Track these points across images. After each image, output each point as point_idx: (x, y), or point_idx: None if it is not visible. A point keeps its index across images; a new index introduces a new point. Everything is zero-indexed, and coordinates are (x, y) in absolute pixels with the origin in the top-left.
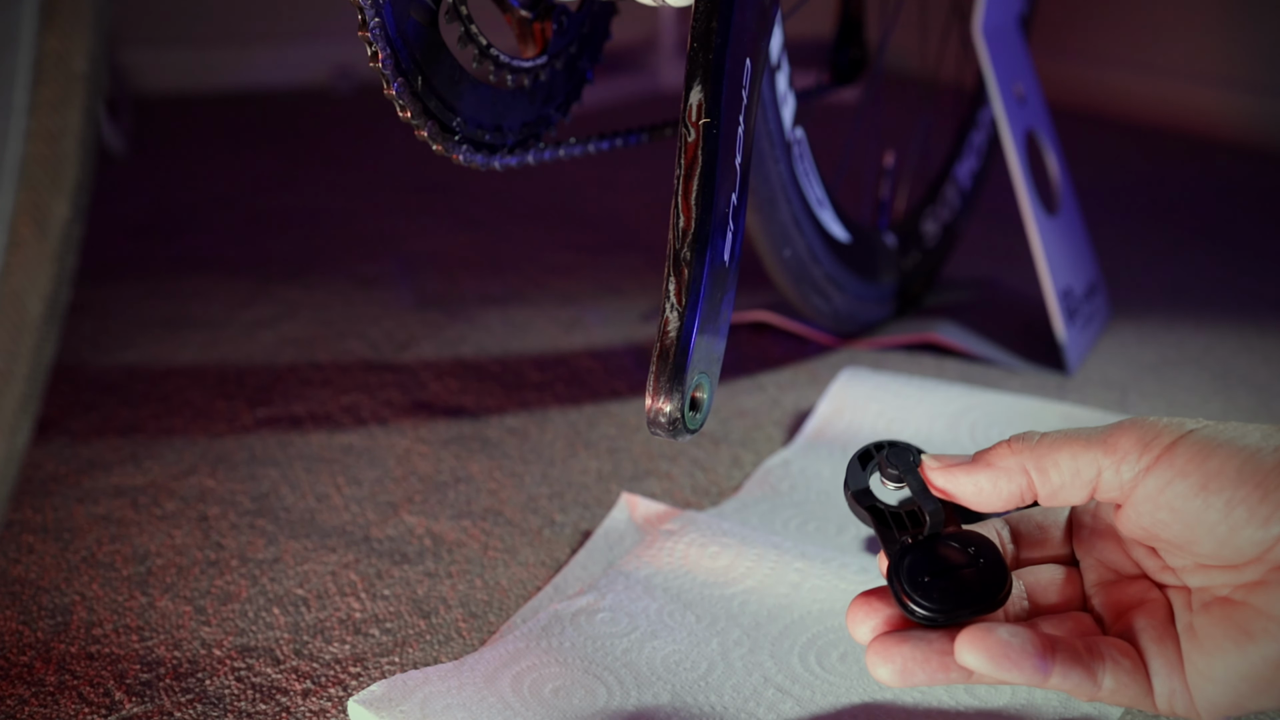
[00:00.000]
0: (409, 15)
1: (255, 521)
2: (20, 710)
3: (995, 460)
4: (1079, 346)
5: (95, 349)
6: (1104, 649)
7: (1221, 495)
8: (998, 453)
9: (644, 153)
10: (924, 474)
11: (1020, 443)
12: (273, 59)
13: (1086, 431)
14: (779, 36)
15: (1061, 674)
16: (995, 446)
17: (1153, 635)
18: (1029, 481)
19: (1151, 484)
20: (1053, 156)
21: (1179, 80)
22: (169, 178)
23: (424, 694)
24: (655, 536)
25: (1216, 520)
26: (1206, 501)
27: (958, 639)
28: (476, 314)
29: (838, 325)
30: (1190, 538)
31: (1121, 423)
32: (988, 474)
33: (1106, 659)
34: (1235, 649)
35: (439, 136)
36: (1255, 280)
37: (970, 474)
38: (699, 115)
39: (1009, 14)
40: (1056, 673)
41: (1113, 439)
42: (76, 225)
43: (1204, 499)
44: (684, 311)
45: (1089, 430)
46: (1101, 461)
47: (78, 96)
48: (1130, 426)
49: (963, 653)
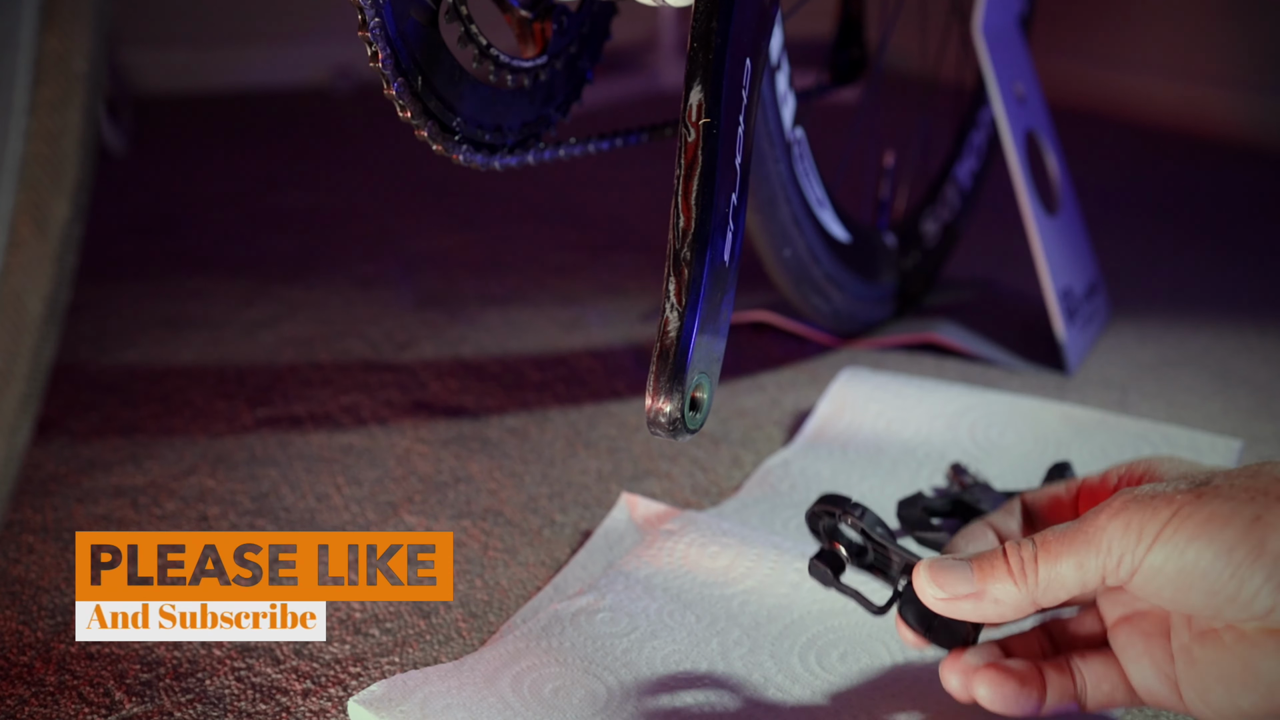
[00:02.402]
0: (409, 15)
1: (255, 521)
2: (20, 710)
3: (998, 595)
4: (1079, 346)
5: (95, 349)
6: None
7: (1220, 564)
8: (997, 579)
9: (644, 153)
10: (918, 590)
11: (1018, 562)
12: (273, 59)
13: (1080, 536)
14: (779, 36)
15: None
16: (994, 564)
17: (1142, 647)
18: (1033, 604)
19: (1146, 572)
20: (1053, 156)
21: (1179, 80)
22: (169, 178)
23: (424, 694)
24: (655, 536)
25: (1214, 590)
26: (1203, 577)
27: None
28: (476, 314)
29: (838, 325)
30: (1192, 607)
31: (1106, 516)
32: (993, 608)
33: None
34: (1228, 693)
35: (439, 136)
36: (1255, 280)
37: (975, 604)
38: (699, 115)
39: (1009, 14)
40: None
41: (1104, 539)
42: (76, 225)
43: (1199, 575)
44: (684, 311)
45: (1082, 532)
46: (1103, 565)
47: (78, 96)
48: (1116, 517)
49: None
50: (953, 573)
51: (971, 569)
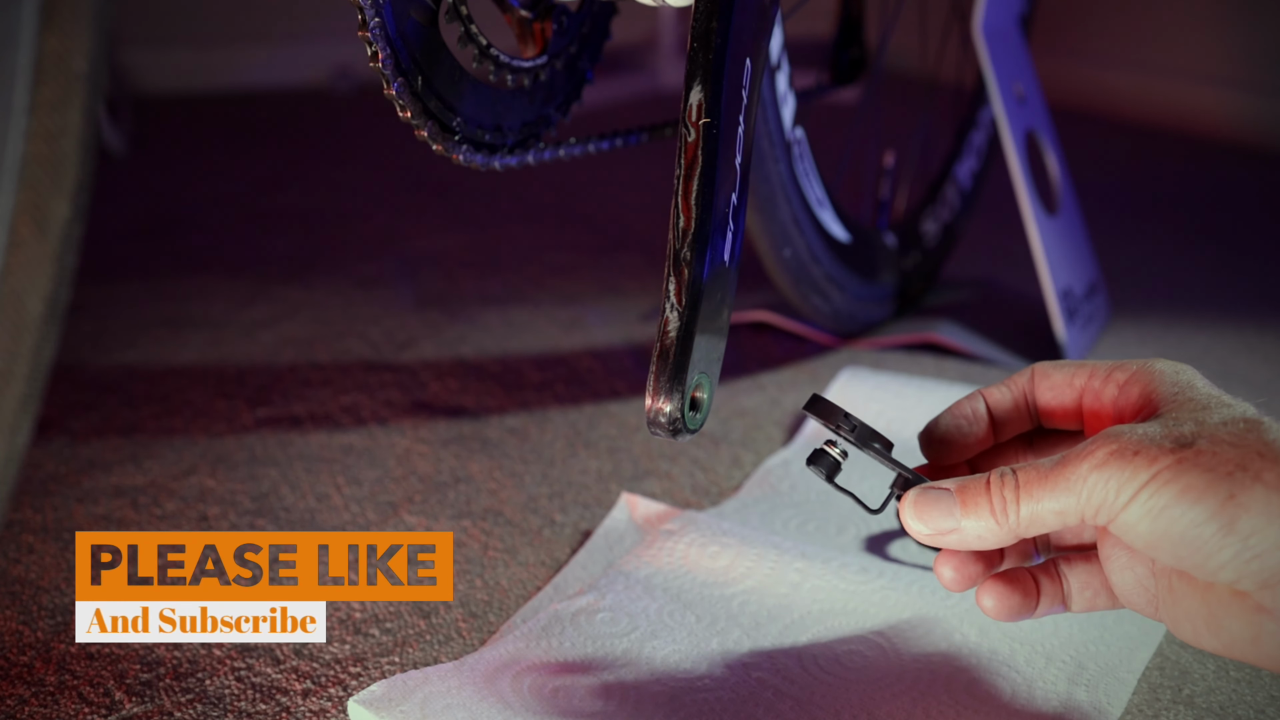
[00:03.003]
0: (409, 15)
1: (255, 521)
2: (20, 710)
3: (980, 531)
4: (1079, 346)
5: (95, 349)
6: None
7: (1190, 535)
8: (979, 515)
9: (644, 153)
10: (903, 523)
11: (1000, 501)
12: (273, 59)
13: (1062, 481)
14: (779, 36)
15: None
16: (976, 500)
17: (1127, 560)
18: (1014, 536)
19: (1121, 525)
20: (1053, 156)
21: (1179, 80)
22: (169, 178)
23: (424, 694)
24: (655, 536)
25: (1182, 556)
26: (1174, 543)
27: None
28: (476, 314)
29: (838, 325)
30: (1162, 560)
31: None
32: (976, 541)
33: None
34: (1194, 631)
35: (439, 136)
36: (1255, 280)
37: (958, 537)
38: (699, 115)
39: (1009, 14)
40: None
41: (1084, 488)
42: (76, 225)
43: (1171, 540)
44: (684, 311)
45: (1064, 478)
46: (1082, 510)
47: (78, 96)
48: (1097, 469)
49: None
50: (936, 506)
51: (956, 503)
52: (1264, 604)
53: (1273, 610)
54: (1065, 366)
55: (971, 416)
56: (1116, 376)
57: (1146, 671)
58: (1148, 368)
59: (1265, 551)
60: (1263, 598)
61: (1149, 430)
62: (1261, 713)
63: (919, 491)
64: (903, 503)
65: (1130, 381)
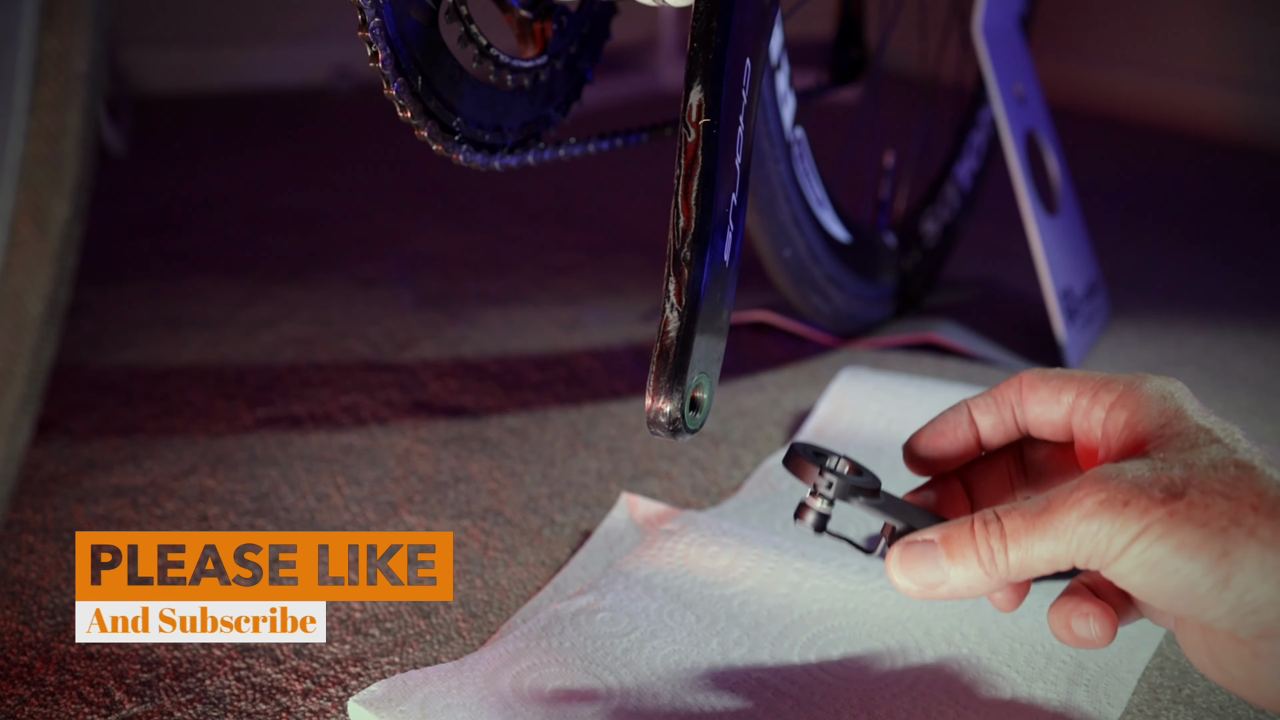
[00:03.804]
0: (409, 15)
1: (255, 521)
2: (20, 710)
3: (970, 582)
4: (1079, 346)
5: (95, 349)
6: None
7: (1185, 589)
8: (967, 566)
9: (644, 153)
10: (891, 577)
11: (987, 552)
12: (273, 59)
13: (1050, 530)
14: (779, 36)
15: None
16: (964, 551)
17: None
18: (1004, 584)
19: (1114, 573)
20: (1053, 156)
21: (1179, 80)
22: (169, 178)
23: (424, 694)
24: (655, 536)
25: (1176, 606)
26: (1168, 595)
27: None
28: (476, 314)
29: (838, 325)
30: (1157, 606)
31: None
32: (966, 591)
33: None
34: (1199, 663)
35: (439, 136)
36: (1255, 280)
37: (949, 591)
38: (699, 115)
39: (1009, 14)
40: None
41: (1074, 537)
42: (76, 225)
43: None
44: (684, 311)
45: (1052, 526)
46: (1072, 556)
47: (78, 96)
48: (1086, 519)
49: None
50: (923, 560)
51: (942, 554)
52: (1261, 653)
53: (1269, 658)
54: (1052, 379)
55: (955, 430)
56: (1104, 397)
57: (1146, 671)
58: (1135, 390)
59: (1261, 606)
60: (1259, 648)
61: (1138, 474)
62: (1261, 713)
63: (903, 547)
64: (888, 559)
65: (1117, 404)
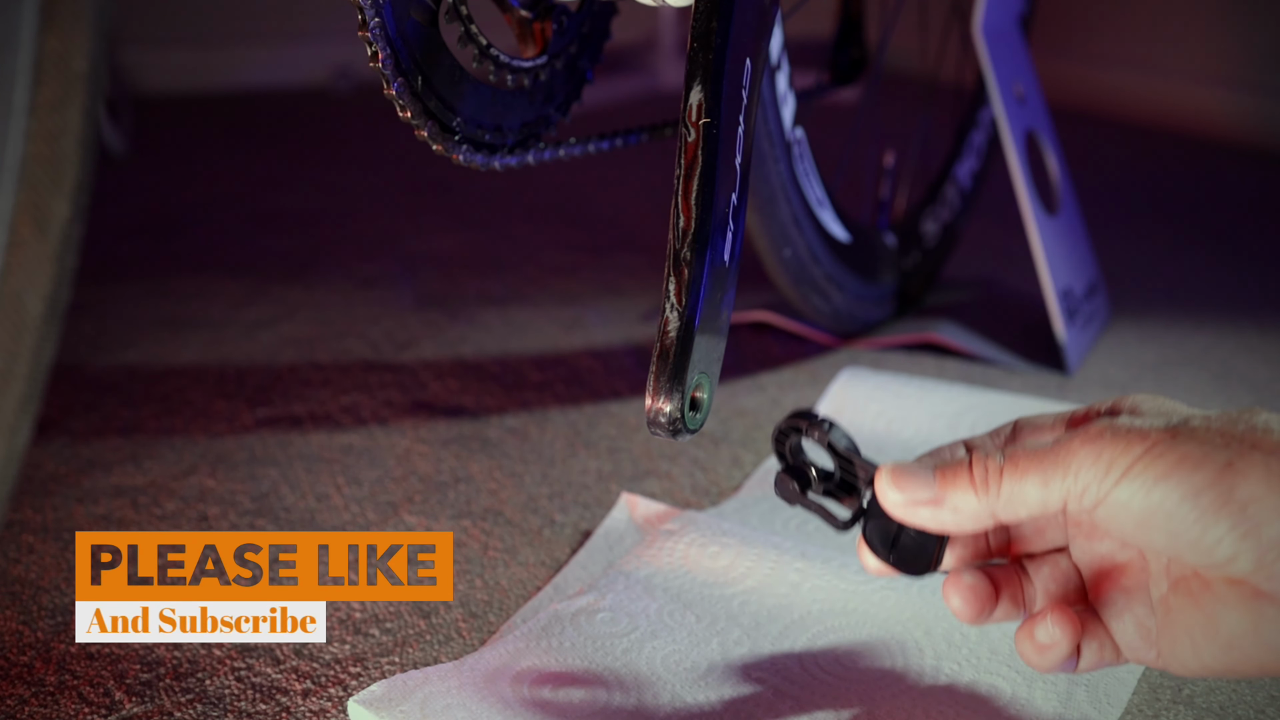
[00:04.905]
0: (409, 15)
1: (255, 521)
2: (20, 710)
3: (958, 504)
4: (1079, 346)
5: (95, 349)
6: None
7: (1186, 507)
8: (959, 487)
9: (644, 153)
10: (879, 495)
11: (981, 473)
12: (273, 59)
13: (1049, 458)
14: (779, 36)
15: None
16: (956, 473)
17: (1123, 603)
18: (992, 516)
19: (1110, 505)
20: (1053, 156)
21: (1179, 80)
22: (169, 178)
23: (424, 694)
24: (655, 536)
25: (1177, 533)
26: (1167, 518)
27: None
28: (476, 314)
29: (838, 325)
30: (1153, 545)
31: (1079, 441)
32: (951, 516)
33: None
34: (1192, 645)
35: (439, 136)
36: (1255, 280)
37: (933, 511)
38: (699, 115)
39: (1009, 14)
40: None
41: (1074, 463)
42: (76, 225)
43: (1164, 516)
44: (684, 311)
45: (1052, 454)
46: (1068, 490)
47: (78, 96)
48: (1089, 444)
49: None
50: (914, 477)
51: (934, 475)
52: (1261, 587)
53: (1271, 594)
54: (1047, 426)
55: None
56: (1102, 403)
57: (1146, 671)
58: (1127, 396)
59: (1265, 521)
60: (1259, 579)
61: (1140, 419)
62: (1261, 713)
63: (897, 464)
64: (879, 474)
65: (1117, 403)
